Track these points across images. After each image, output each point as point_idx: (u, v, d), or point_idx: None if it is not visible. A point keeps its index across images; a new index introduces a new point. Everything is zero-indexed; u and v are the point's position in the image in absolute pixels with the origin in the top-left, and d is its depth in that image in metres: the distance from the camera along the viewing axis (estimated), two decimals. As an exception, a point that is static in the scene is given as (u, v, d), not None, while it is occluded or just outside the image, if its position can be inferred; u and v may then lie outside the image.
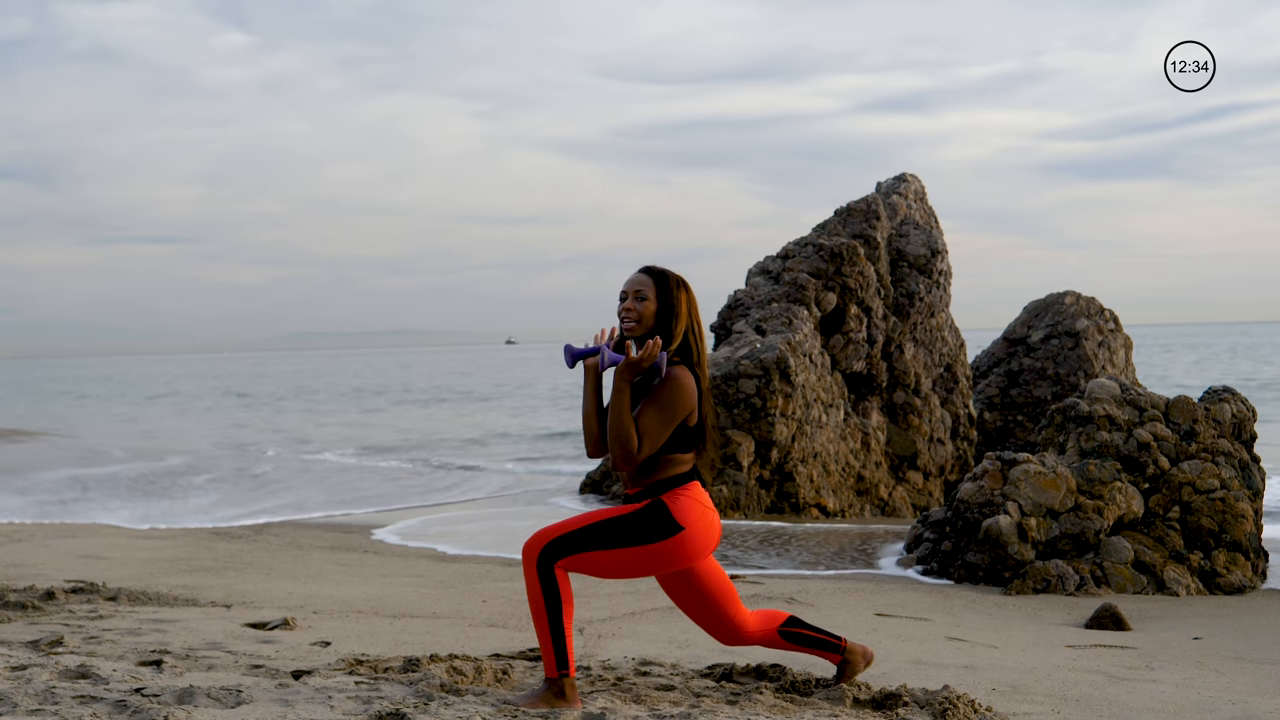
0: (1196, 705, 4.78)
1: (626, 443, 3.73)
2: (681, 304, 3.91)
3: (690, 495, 3.86)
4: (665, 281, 3.92)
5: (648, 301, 3.90)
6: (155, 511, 13.41)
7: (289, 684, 3.95)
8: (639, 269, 3.99)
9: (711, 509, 3.93)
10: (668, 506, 3.82)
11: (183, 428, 35.08)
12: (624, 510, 3.86)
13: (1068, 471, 9.39)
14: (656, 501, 3.83)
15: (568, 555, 3.79)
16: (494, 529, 12.14)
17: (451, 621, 6.25)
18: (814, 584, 8.54)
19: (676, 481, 3.86)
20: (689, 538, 3.83)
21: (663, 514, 3.81)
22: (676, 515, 3.82)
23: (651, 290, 3.91)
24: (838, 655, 4.23)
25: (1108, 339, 20.15)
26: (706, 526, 3.88)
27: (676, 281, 3.94)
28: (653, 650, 5.38)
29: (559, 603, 3.78)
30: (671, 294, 3.91)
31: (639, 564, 3.84)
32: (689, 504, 3.85)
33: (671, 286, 3.92)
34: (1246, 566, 9.30)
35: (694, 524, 3.84)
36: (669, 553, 3.83)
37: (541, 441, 28.02)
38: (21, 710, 3.38)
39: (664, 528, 3.81)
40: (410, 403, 47.12)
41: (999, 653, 5.96)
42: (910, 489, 16.23)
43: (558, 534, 3.80)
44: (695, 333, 3.93)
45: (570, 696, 3.79)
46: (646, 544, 3.81)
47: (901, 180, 18.65)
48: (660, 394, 3.79)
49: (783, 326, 15.04)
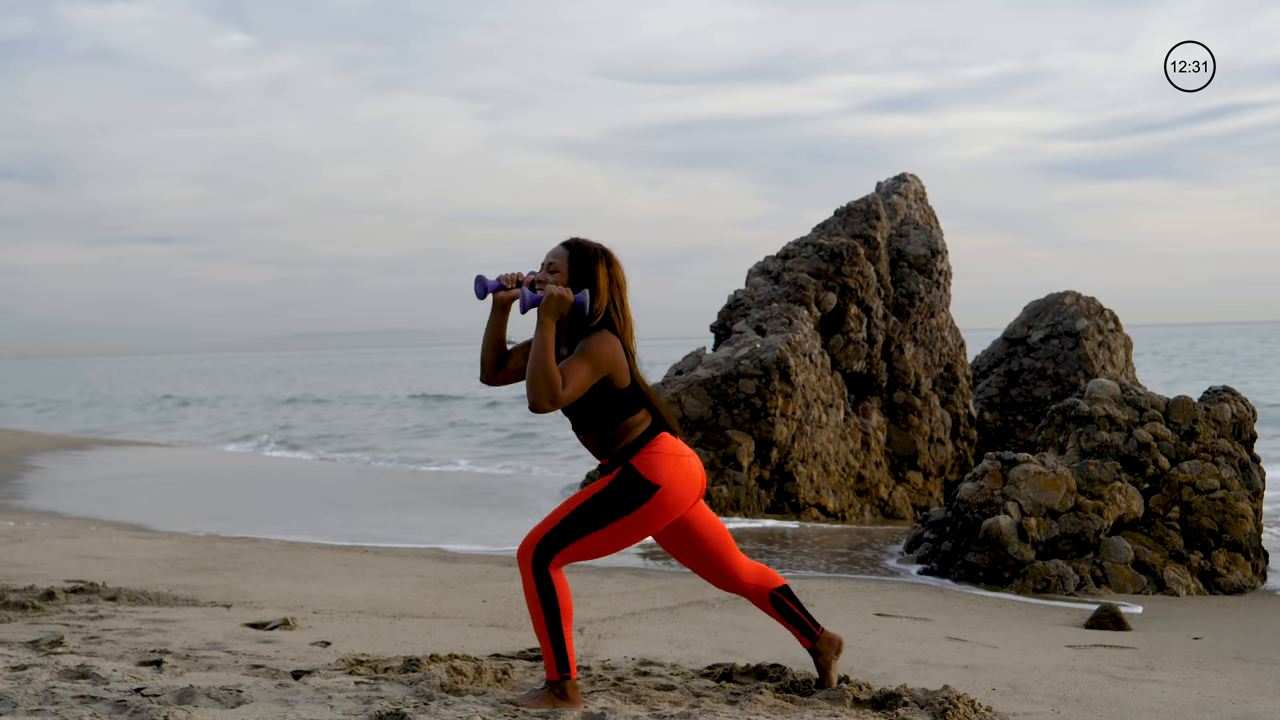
0: (1196, 705, 4.78)
1: (552, 382, 3.67)
2: (600, 278, 3.85)
3: (659, 450, 3.82)
4: (579, 254, 3.88)
5: (559, 274, 3.87)
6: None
7: (289, 684, 3.95)
8: (562, 241, 3.95)
9: (687, 455, 3.87)
10: (637, 469, 3.78)
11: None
12: (599, 486, 3.82)
13: (1068, 471, 9.39)
14: (626, 467, 3.80)
15: (560, 549, 3.77)
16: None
17: (451, 621, 6.25)
18: (814, 584, 8.54)
19: (643, 440, 3.82)
20: (667, 493, 3.80)
21: (634, 478, 3.78)
22: (649, 475, 3.78)
23: (564, 263, 3.87)
24: (809, 641, 4.21)
25: (1108, 339, 20.14)
26: (685, 476, 3.84)
27: (595, 255, 3.88)
28: (653, 650, 5.38)
29: (556, 605, 3.77)
30: (585, 267, 3.86)
31: (629, 533, 3.81)
32: (659, 459, 3.80)
33: (587, 260, 3.87)
34: (1246, 566, 9.30)
35: (669, 478, 3.80)
36: (653, 512, 3.80)
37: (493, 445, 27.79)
38: (21, 710, 3.38)
39: (640, 491, 3.78)
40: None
41: (999, 653, 5.96)
42: (910, 489, 16.23)
43: (544, 532, 3.78)
44: (616, 305, 3.86)
45: (573, 698, 3.79)
46: (629, 512, 3.78)
47: (901, 180, 18.65)
48: (587, 346, 3.76)
49: (783, 326, 15.03)
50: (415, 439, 29.67)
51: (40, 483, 16.42)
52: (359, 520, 12.89)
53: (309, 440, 29.05)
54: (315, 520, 12.73)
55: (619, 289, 3.88)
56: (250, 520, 12.46)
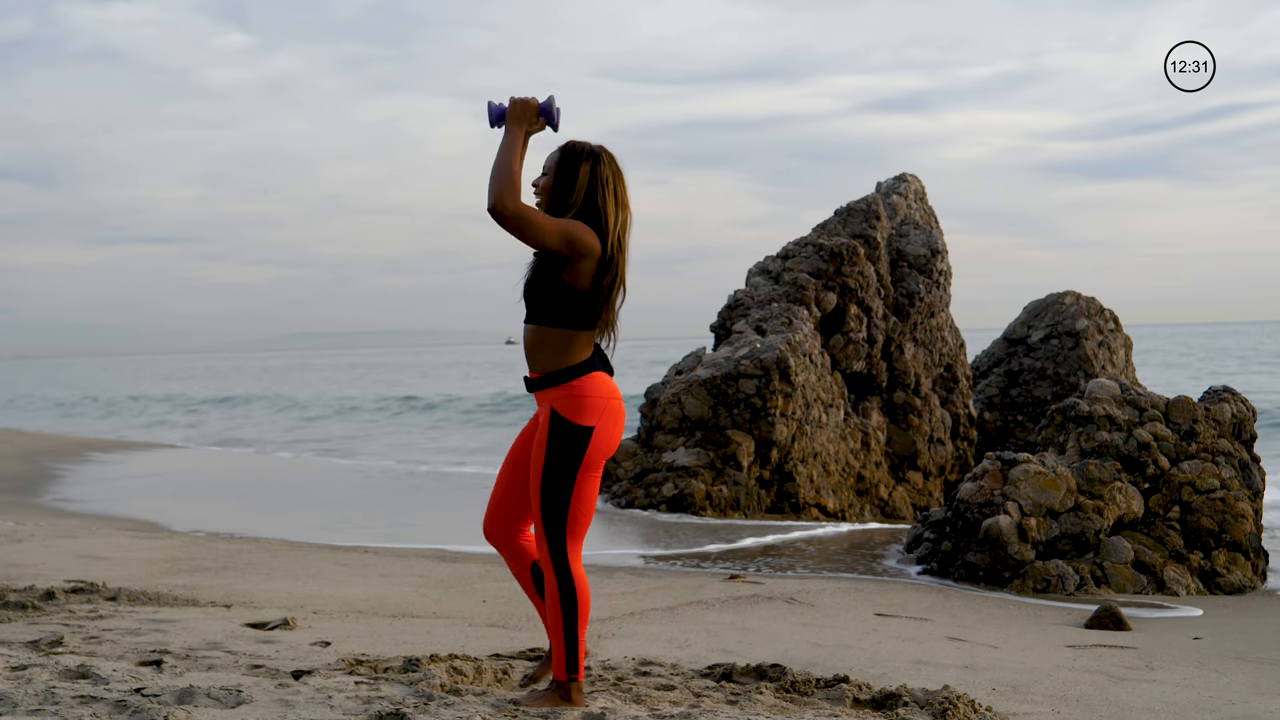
0: (1196, 705, 4.78)
1: (513, 182, 3.60)
2: (580, 175, 3.76)
3: (586, 393, 3.73)
4: (568, 156, 3.80)
5: (548, 176, 3.83)
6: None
7: (289, 684, 3.95)
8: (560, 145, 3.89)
9: (616, 397, 3.80)
10: (564, 417, 3.71)
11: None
12: (541, 448, 3.73)
13: (1068, 471, 9.39)
14: (552, 415, 3.72)
15: (564, 537, 3.73)
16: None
17: (451, 621, 6.25)
18: (814, 584, 8.54)
19: (576, 372, 3.73)
20: (600, 431, 3.73)
21: (564, 426, 3.70)
22: (576, 419, 3.71)
23: (554, 165, 3.82)
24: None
25: (1108, 339, 20.15)
26: (614, 417, 3.77)
27: (586, 154, 3.80)
28: (653, 650, 5.38)
29: (576, 606, 3.75)
30: (571, 167, 3.79)
31: (589, 477, 3.74)
32: (586, 404, 3.72)
33: (577, 159, 3.79)
34: (1246, 566, 9.30)
35: (599, 420, 3.73)
36: (595, 451, 3.73)
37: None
38: (21, 710, 3.38)
39: (576, 437, 3.71)
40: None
41: (999, 653, 5.96)
42: (910, 489, 16.23)
43: (544, 533, 3.73)
44: (599, 202, 3.74)
45: (577, 700, 3.79)
46: (578, 460, 3.71)
47: (901, 180, 18.65)
48: (566, 217, 3.69)
49: (783, 326, 15.03)
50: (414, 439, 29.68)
51: (78, 484, 16.43)
52: (359, 520, 12.90)
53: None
54: (316, 520, 12.73)
55: (603, 185, 3.76)
56: (253, 520, 12.46)
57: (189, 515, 12.82)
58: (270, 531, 11.48)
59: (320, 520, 12.76)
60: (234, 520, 12.38)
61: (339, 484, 17.88)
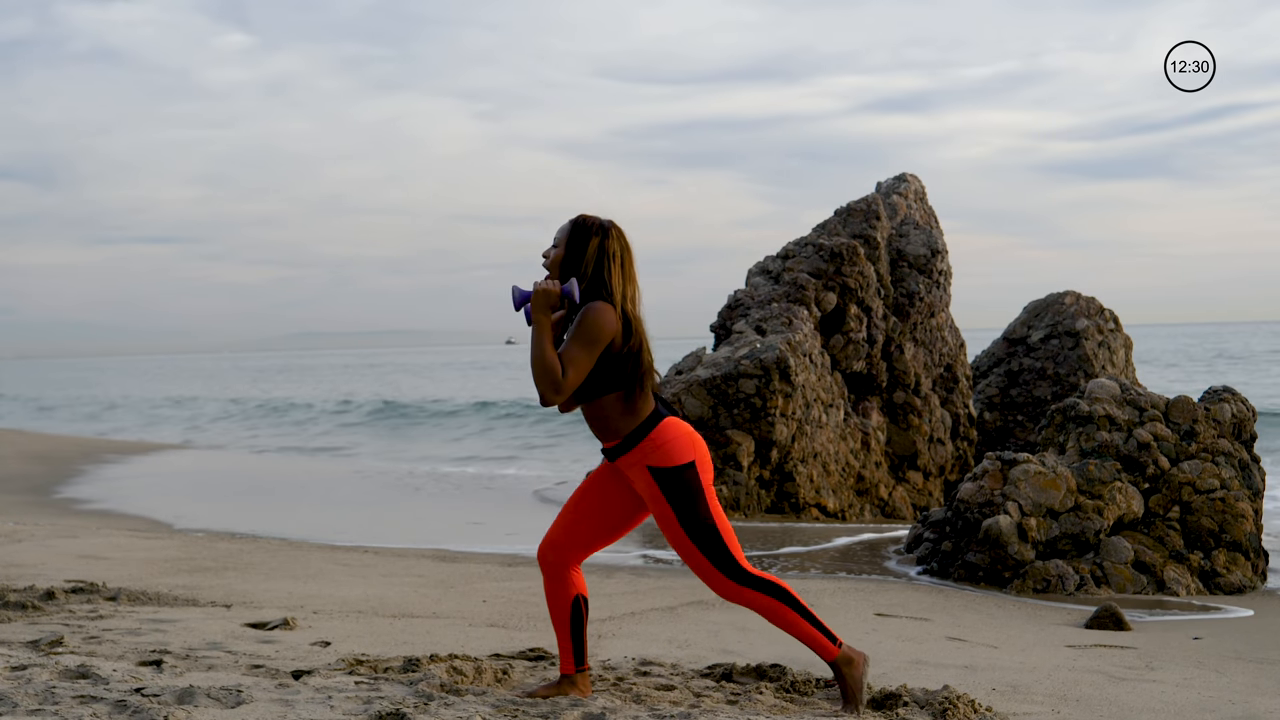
0: (1196, 705, 4.78)
1: (551, 371, 3.75)
2: (589, 249, 3.90)
3: (668, 438, 3.85)
4: (578, 231, 3.95)
5: (558, 249, 3.97)
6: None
7: (289, 684, 3.95)
8: (570, 218, 4.02)
9: (691, 435, 3.92)
10: (660, 465, 3.83)
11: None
12: (662, 505, 3.85)
13: (1068, 471, 9.39)
14: (652, 471, 3.84)
15: (731, 556, 3.84)
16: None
17: (451, 621, 6.25)
18: (814, 584, 8.54)
19: (649, 426, 3.87)
20: (699, 460, 3.87)
21: (667, 474, 3.83)
22: (674, 461, 3.83)
23: (564, 239, 3.97)
24: (573, 668, 4.08)
25: (1108, 339, 20.14)
26: (703, 448, 3.92)
27: (596, 229, 3.94)
28: (653, 650, 5.38)
29: (789, 596, 3.88)
30: (581, 242, 3.93)
31: (712, 504, 3.87)
32: (673, 447, 3.84)
33: (587, 234, 3.93)
34: (1246, 566, 9.30)
35: (692, 452, 3.86)
36: (704, 476, 3.87)
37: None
38: (21, 710, 3.37)
39: (684, 478, 3.84)
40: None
41: (999, 653, 5.96)
42: (910, 489, 16.23)
43: (708, 565, 3.83)
44: (604, 275, 3.88)
45: (853, 684, 3.96)
46: (699, 492, 3.84)
47: (901, 180, 18.64)
48: (579, 325, 3.81)
49: (783, 326, 15.03)
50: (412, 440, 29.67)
51: (87, 484, 16.43)
52: (359, 520, 12.90)
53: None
54: (316, 520, 12.73)
55: (610, 259, 3.90)
56: (253, 520, 12.46)
57: (189, 515, 12.82)
58: (270, 531, 11.48)
59: (320, 520, 12.76)
60: (234, 520, 12.38)
61: (339, 484, 17.87)
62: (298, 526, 12.03)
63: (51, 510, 13.23)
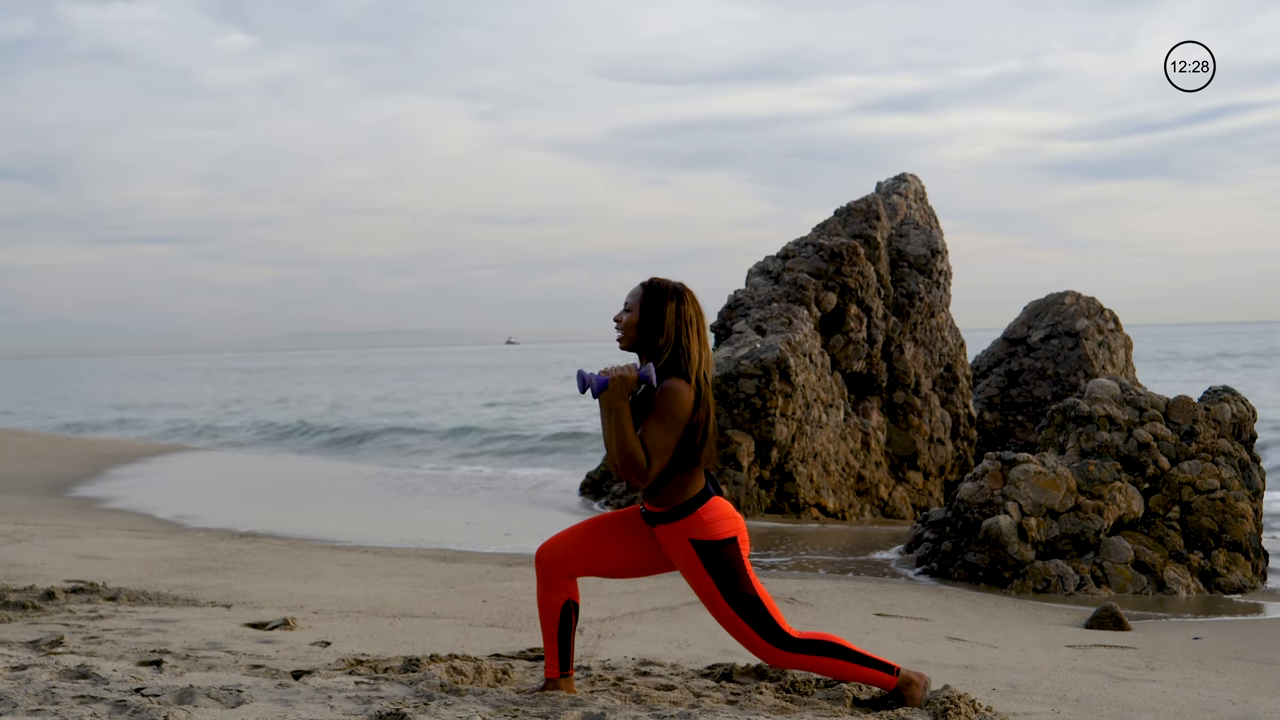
0: (1196, 705, 4.78)
1: (635, 459, 3.76)
2: (667, 315, 3.87)
3: (713, 518, 3.89)
4: (652, 294, 3.91)
5: (631, 313, 3.92)
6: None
7: (289, 684, 3.95)
8: (641, 281, 4.00)
9: (735, 515, 3.96)
10: (704, 539, 3.87)
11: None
12: (702, 576, 3.88)
13: (1068, 471, 9.39)
14: (697, 545, 3.88)
15: (771, 621, 3.88)
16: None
17: (451, 621, 6.25)
18: (814, 584, 8.54)
19: (698, 502, 3.88)
20: (739, 536, 3.92)
21: (711, 549, 3.87)
22: (717, 536, 3.87)
23: (637, 302, 3.92)
24: (557, 672, 4.08)
25: (1108, 339, 20.14)
26: (743, 530, 3.97)
27: (671, 293, 3.91)
28: (653, 650, 5.38)
29: (834, 647, 3.94)
30: (656, 306, 3.89)
31: (749, 572, 3.94)
32: (716, 527, 3.88)
33: (662, 298, 3.90)
34: (1246, 566, 9.30)
35: (733, 531, 3.91)
36: (743, 548, 3.93)
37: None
38: (21, 710, 3.38)
39: (725, 552, 3.88)
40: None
41: (999, 653, 5.96)
42: (910, 489, 16.23)
43: (760, 637, 3.87)
44: (684, 342, 3.87)
45: (915, 695, 4.06)
46: (736, 564, 3.89)
47: (901, 180, 18.64)
48: (659, 406, 3.79)
49: (783, 326, 15.03)
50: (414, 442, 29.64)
51: (90, 485, 16.43)
52: (359, 520, 12.89)
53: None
54: (316, 520, 12.73)
55: (687, 325, 3.89)
56: (253, 520, 12.46)
57: (190, 514, 12.82)
58: (270, 531, 11.49)
59: (320, 520, 12.77)
60: (234, 520, 12.38)
61: (339, 484, 17.88)
62: (298, 526, 12.03)
63: (52, 510, 13.23)
